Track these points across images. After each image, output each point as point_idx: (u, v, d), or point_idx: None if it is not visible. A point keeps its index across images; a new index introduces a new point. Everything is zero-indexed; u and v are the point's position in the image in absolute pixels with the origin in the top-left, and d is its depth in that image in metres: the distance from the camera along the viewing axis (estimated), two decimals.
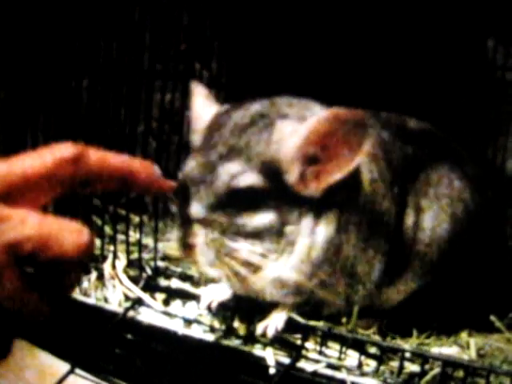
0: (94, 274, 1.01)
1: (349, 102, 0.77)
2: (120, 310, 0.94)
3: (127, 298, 0.97)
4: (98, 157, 0.57)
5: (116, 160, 0.59)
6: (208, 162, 0.79)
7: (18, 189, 0.53)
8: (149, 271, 1.02)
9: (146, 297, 0.96)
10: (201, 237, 0.78)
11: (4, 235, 0.50)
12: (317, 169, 0.78)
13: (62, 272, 0.54)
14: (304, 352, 0.87)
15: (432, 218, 0.90)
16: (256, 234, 0.78)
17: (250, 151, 0.78)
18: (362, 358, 0.86)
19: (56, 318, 0.82)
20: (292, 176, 0.78)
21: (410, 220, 0.89)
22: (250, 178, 0.77)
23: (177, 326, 0.91)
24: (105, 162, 0.58)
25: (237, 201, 0.78)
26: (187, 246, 0.78)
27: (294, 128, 0.78)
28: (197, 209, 0.77)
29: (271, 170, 0.78)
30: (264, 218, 0.78)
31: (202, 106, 0.89)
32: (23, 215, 0.52)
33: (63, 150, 0.55)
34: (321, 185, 0.78)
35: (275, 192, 0.78)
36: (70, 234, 0.53)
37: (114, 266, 1.01)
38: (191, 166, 0.80)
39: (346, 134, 0.75)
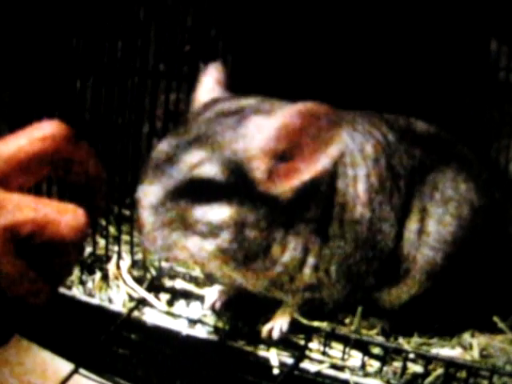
0: (98, 275, 1.02)
1: (352, 103, 0.77)
2: (124, 310, 0.95)
3: (131, 299, 0.97)
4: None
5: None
6: (174, 147, 0.74)
7: (9, 172, 0.55)
8: (153, 272, 1.02)
9: (150, 297, 0.96)
10: (150, 223, 0.73)
11: (1, 220, 0.51)
12: (287, 166, 0.73)
13: (59, 254, 0.55)
14: (307, 352, 0.87)
15: (438, 221, 0.89)
16: (210, 230, 0.73)
17: (217, 142, 0.73)
18: (366, 358, 0.86)
19: (60, 317, 0.83)
20: (259, 173, 0.73)
21: (413, 225, 0.88)
22: (210, 170, 0.72)
23: (181, 327, 0.91)
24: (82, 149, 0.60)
25: (194, 192, 0.73)
26: (139, 230, 0.75)
27: (263, 123, 0.74)
28: (152, 194, 0.73)
29: (237, 165, 0.73)
30: (220, 214, 0.73)
31: (207, 90, 0.84)
32: (18, 199, 0.53)
33: (47, 127, 0.57)
34: (292, 184, 0.74)
35: (238, 188, 0.73)
36: (65, 216, 0.53)
37: (118, 267, 1.02)
38: (160, 148, 0.76)
39: (318, 131, 0.71)
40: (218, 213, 0.73)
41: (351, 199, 0.83)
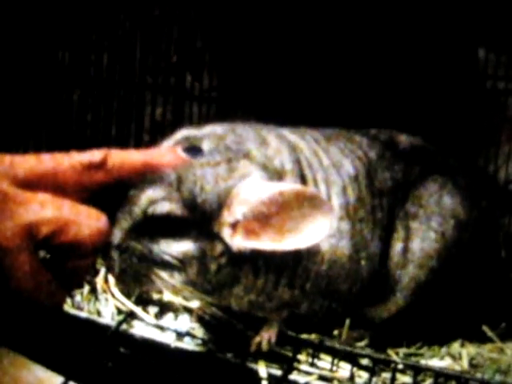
0: (86, 288, 1.01)
1: (339, 114, 0.77)
2: (113, 323, 0.94)
3: (120, 312, 0.97)
4: (119, 160, 0.60)
5: (138, 158, 0.62)
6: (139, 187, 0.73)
7: (44, 181, 0.55)
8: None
9: (138, 310, 0.96)
10: (117, 262, 0.72)
11: (23, 217, 0.51)
12: (249, 227, 0.72)
13: (76, 257, 0.55)
14: (296, 364, 0.87)
15: (422, 238, 0.88)
16: (175, 264, 0.73)
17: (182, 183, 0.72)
18: (354, 369, 0.86)
19: (49, 330, 0.82)
20: (221, 223, 0.72)
21: (398, 243, 0.88)
22: (167, 206, 0.71)
23: (169, 339, 0.91)
24: (126, 165, 0.60)
25: (154, 228, 0.72)
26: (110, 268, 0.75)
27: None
28: (115, 233, 0.72)
29: (196, 205, 0.72)
30: (181, 248, 0.72)
31: None
32: (43, 199, 0.53)
33: (90, 156, 0.58)
34: (247, 245, 0.72)
35: (197, 223, 0.73)
36: (87, 219, 0.54)
37: (106, 280, 1.01)
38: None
39: (297, 214, 0.68)
40: (180, 247, 0.72)
41: None
